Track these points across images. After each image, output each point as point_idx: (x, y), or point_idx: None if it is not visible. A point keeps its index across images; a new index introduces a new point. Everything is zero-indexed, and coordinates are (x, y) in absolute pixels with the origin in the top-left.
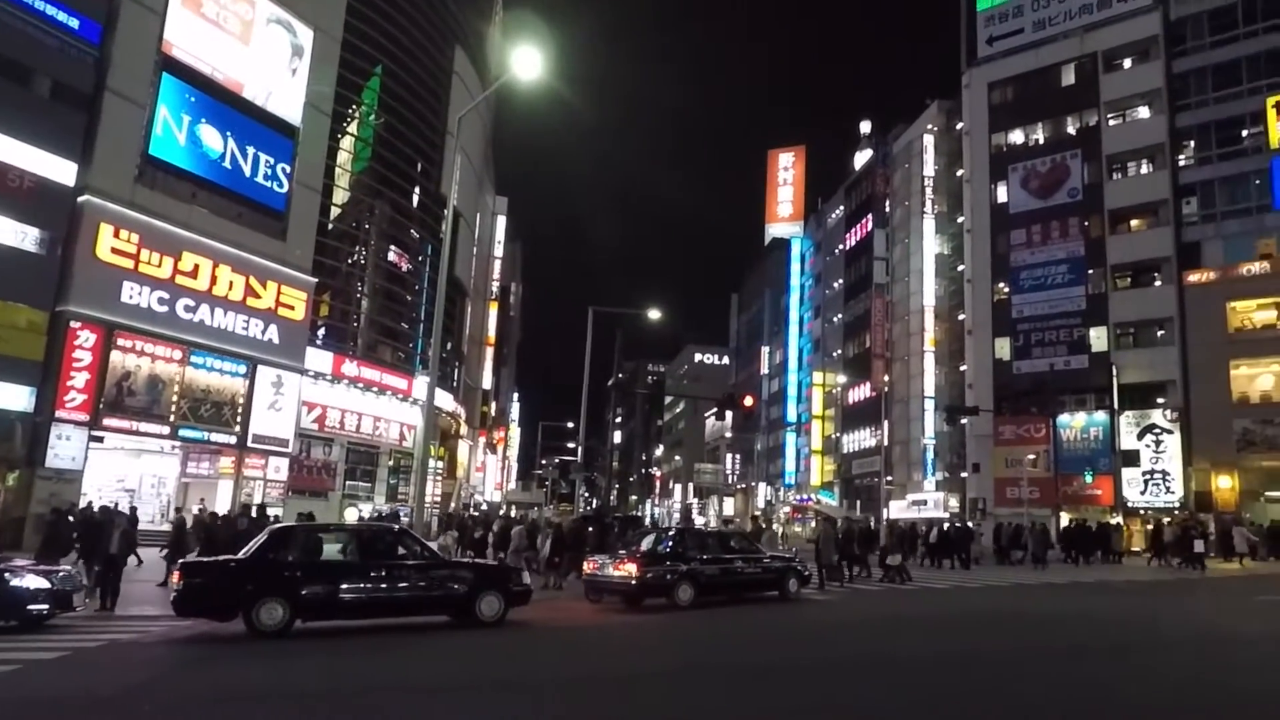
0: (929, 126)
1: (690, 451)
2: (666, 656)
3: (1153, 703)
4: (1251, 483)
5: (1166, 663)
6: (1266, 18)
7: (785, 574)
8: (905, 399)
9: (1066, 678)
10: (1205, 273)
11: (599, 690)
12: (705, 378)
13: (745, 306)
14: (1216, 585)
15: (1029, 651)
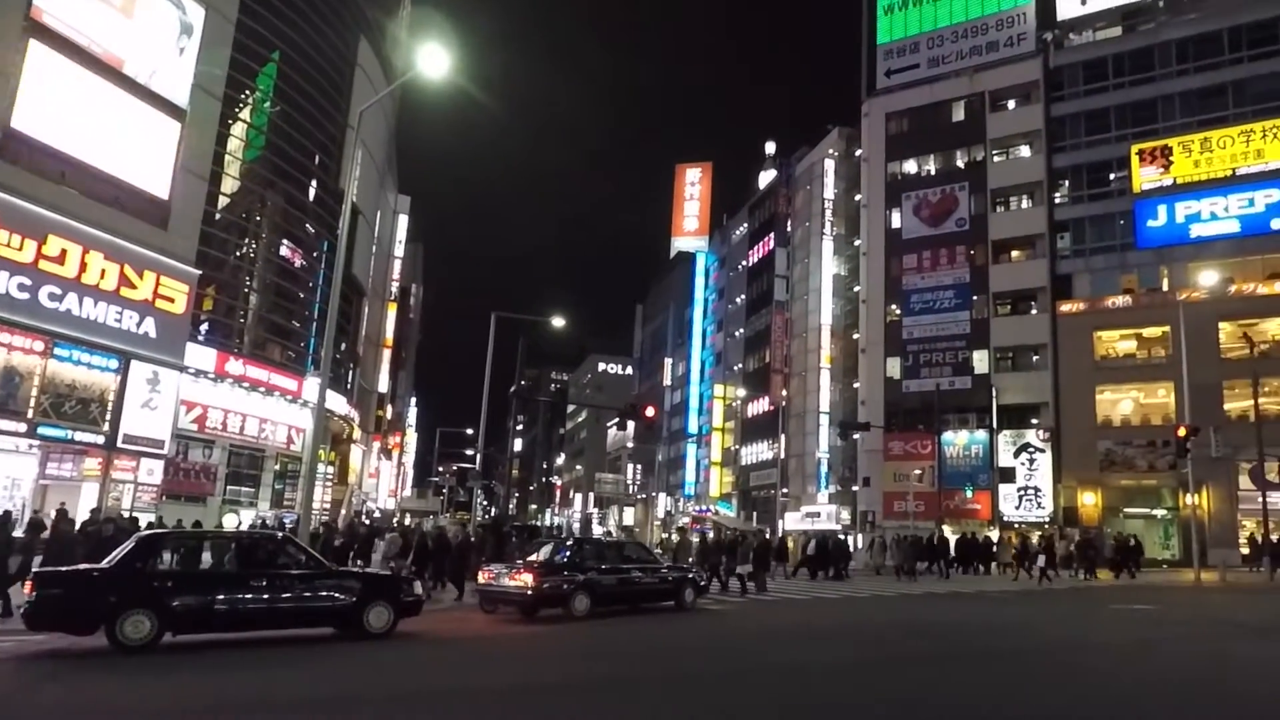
0: (830, 151)
1: (592, 461)
2: (559, 668)
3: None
4: (1112, 499)
5: (1038, 665)
6: (1133, 72)
7: (682, 584)
8: (802, 413)
9: (947, 680)
10: (1075, 303)
11: (488, 702)
12: (609, 387)
13: (650, 318)
14: (1082, 594)
15: (917, 657)
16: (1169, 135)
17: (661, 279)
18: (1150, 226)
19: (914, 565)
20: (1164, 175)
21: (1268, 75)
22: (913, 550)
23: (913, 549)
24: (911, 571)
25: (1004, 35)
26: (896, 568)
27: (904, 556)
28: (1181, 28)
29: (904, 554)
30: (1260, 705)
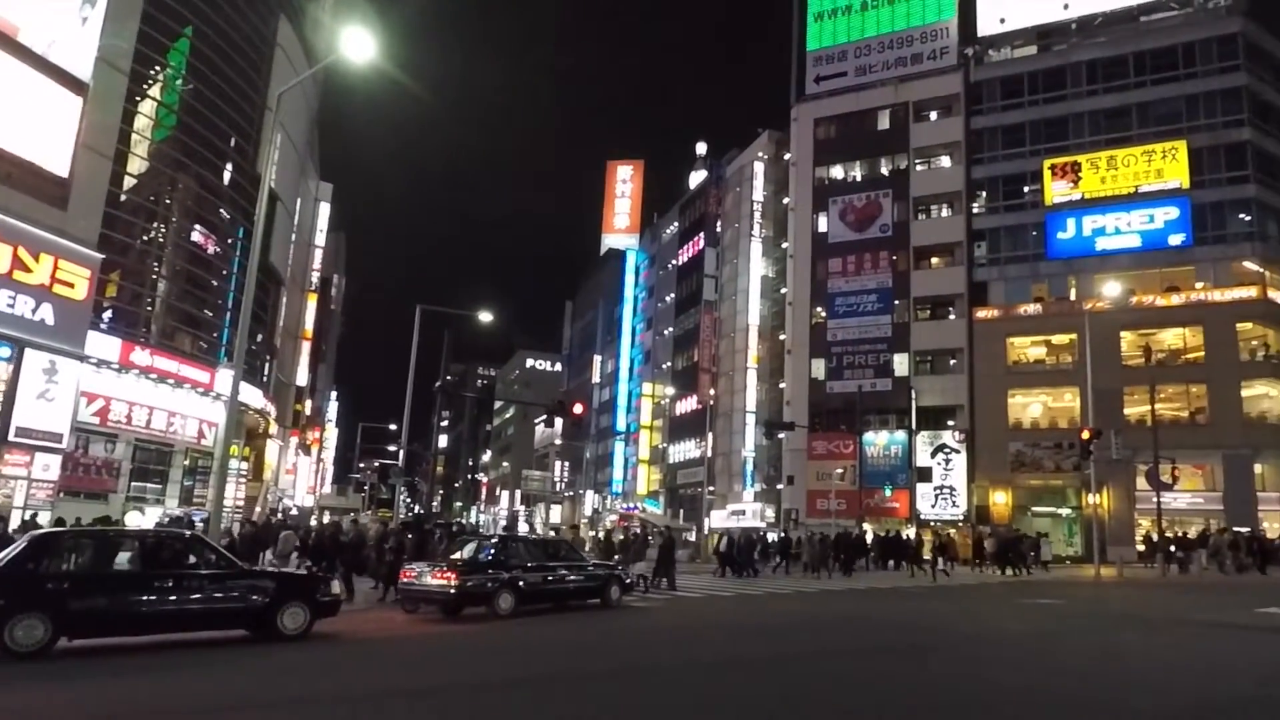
0: (760, 154)
1: (519, 458)
2: (479, 668)
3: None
4: (1022, 499)
5: (972, 656)
6: (1046, 90)
7: (608, 582)
8: (729, 412)
9: (870, 672)
10: (990, 310)
11: (406, 704)
12: (537, 383)
13: (579, 314)
14: (995, 590)
15: (834, 651)
16: (1079, 152)
17: (592, 276)
18: (1060, 238)
19: (825, 563)
20: (1073, 190)
21: (1169, 99)
22: (822, 548)
23: (822, 546)
24: (821, 569)
25: (927, 48)
26: (806, 565)
27: (814, 554)
28: (1091, 50)
29: (814, 552)
30: (1148, 685)
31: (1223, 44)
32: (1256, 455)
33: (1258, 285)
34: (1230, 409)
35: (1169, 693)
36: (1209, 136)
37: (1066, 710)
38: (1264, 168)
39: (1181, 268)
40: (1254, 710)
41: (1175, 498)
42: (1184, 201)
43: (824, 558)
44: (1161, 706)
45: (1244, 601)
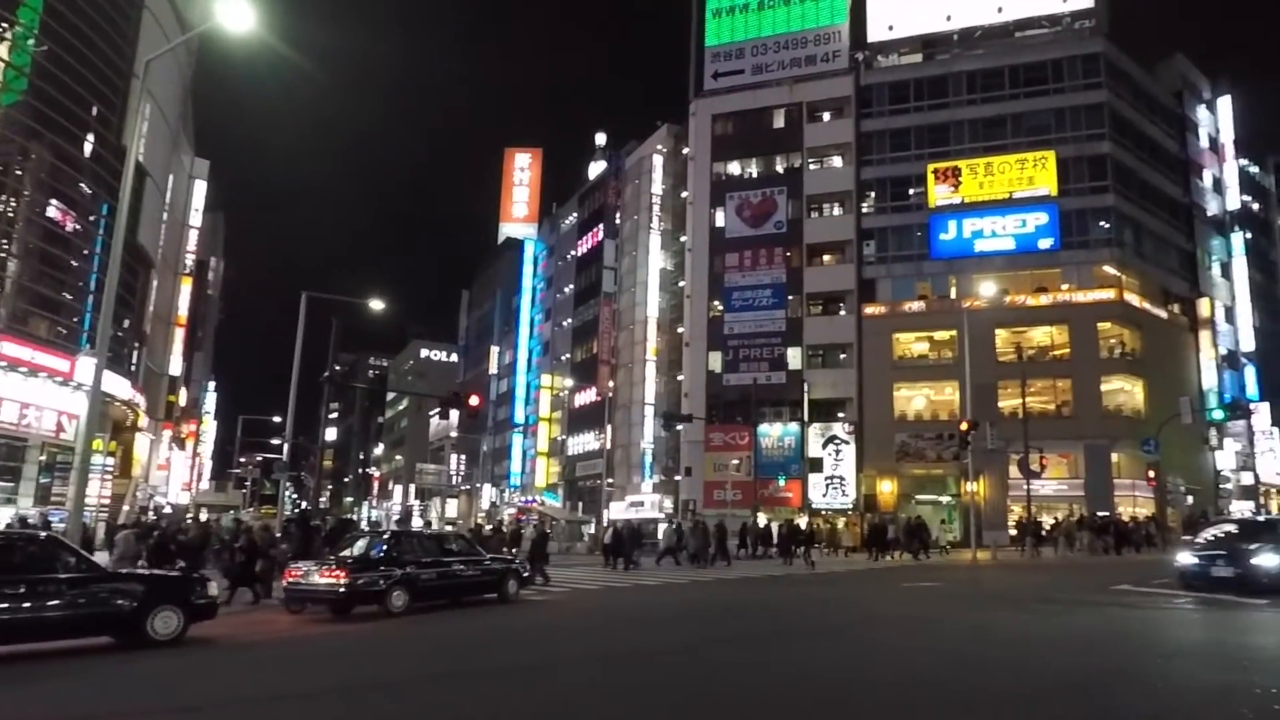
0: (659, 147)
1: (413, 451)
2: (371, 668)
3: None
4: (906, 487)
5: (842, 639)
6: (930, 97)
7: (505, 576)
8: (628, 404)
9: (776, 655)
10: (878, 306)
11: (299, 706)
12: (432, 374)
13: (476, 304)
14: (882, 574)
15: (729, 638)
16: (959, 158)
17: (489, 265)
18: (942, 239)
19: (707, 552)
20: (954, 194)
21: (1040, 111)
22: (704, 537)
23: (704, 536)
24: (703, 558)
25: (821, 50)
26: (691, 555)
27: (698, 544)
28: (971, 61)
29: (698, 541)
30: (1010, 658)
31: (1086, 62)
32: (1114, 445)
33: (1116, 288)
34: (1091, 402)
35: (1032, 669)
36: (1074, 148)
37: (939, 690)
38: (1121, 179)
39: (1050, 270)
40: (1113, 682)
41: (1043, 485)
42: (1053, 208)
43: (706, 547)
44: (1025, 682)
45: (1100, 580)
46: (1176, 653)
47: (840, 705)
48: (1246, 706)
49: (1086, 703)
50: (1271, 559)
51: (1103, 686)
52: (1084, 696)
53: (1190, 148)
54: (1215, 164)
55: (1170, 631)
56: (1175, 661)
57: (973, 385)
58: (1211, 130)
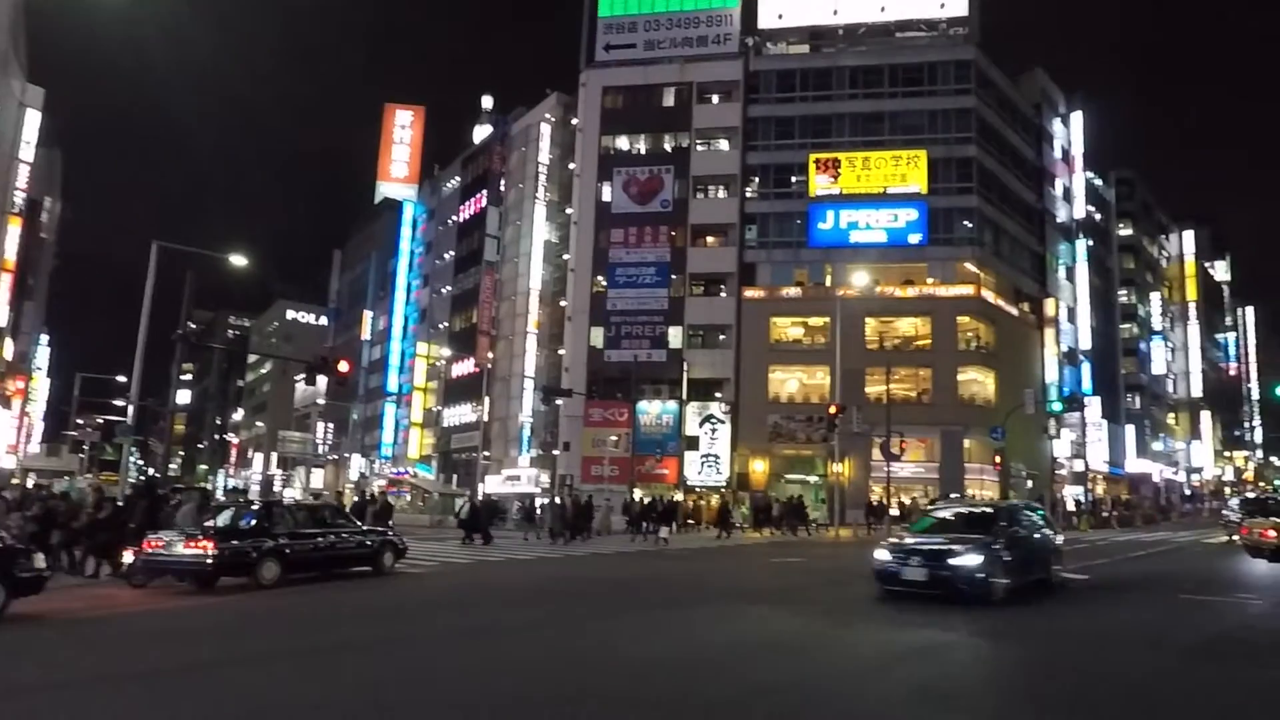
0: (547, 116)
1: (276, 417)
2: (234, 642)
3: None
4: (778, 467)
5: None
6: (815, 88)
7: (382, 548)
8: (507, 377)
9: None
10: (757, 290)
11: (123, 686)
12: (299, 337)
13: (349, 265)
14: (748, 550)
15: (602, 612)
16: (840, 150)
17: (365, 225)
18: (820, 228)
19: (565, 528)
20: (834, 185)
21: (915, 111)
22: (560, 512)
23: (561, 511)
24: (560, 533)
25: (712, 32)
26: (550, 530)
27: (557, 519)
28: (854, 57)
29: (557, 516)
30: (870, 622)
31: (959, 68)
32: (966, 431)
33: (975, 285)
34: (948, 391)
35: (890, 637)
36: (944, 149)
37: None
38: (985, 182)
39: (917, 264)
40: (956, 652)
41: (902, 467)
42: (923, 205)
43: (564, 522)
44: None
45: None
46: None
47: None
48: None
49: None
50: (972, 559)
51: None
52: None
53: (1045, 157)
54: (1066, 174)
55: None
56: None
57: (842, 371)
58: (1064, 143)
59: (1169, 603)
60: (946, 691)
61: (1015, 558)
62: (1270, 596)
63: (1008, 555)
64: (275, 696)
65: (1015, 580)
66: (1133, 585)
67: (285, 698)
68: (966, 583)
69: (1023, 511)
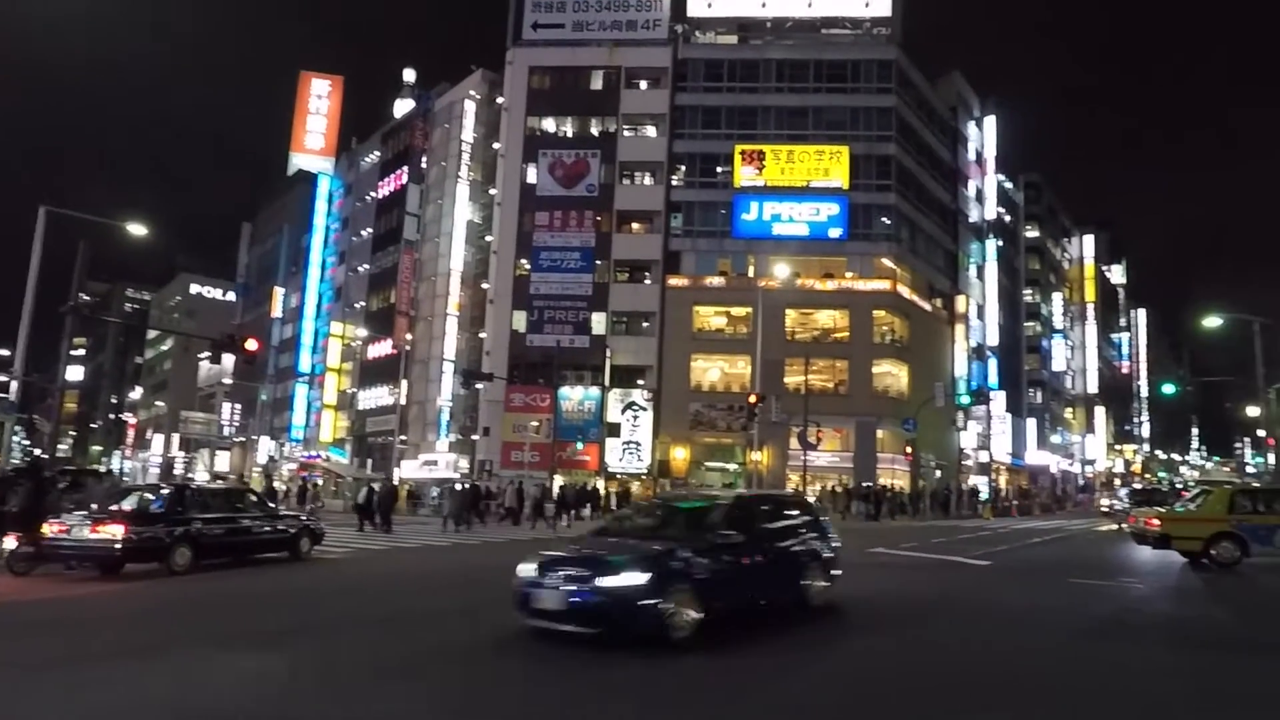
0: (472, 93)
1: (178, 397)
2: (137, 631)
3: None
4: (698, 454)
5: None
6: (743, 79)
7: (300, 534)
8: (426, 359)
9: None
10: (682, 279)
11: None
12: (204, 313)
13: (260, 239)
14: None
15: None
16: (765, 142)
17: (276, 198)
18: (744, 219)
19: (466, 514)
20: (758, 176)
21: (838, 107)
22: (460, 499)
23: (461, 497)
24: (465, 521)
25: (642, 17)
26: (447, 517)
27: (456, 505)
28: (781, 50)
29: (456, 503)
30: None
31: (881, 68)
32: (880, 422)
33: (891, 280)
34: (864, 383)
35: (794, 625)
36: (865, 146)
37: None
38: (903, 180)
39: (837, 258)
40: (860, 640)
41: (819, 456)
42: (844, 200)
43: (464, 509)
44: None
45: (859, 544)
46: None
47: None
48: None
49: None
50: (635, 577)
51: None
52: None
53: (960, 159)
54: (979, 176)
55: (911, 590)
56: (912, 615)
57: (763, 361)
58: (978, 145)
59: (1060, 586)
60: None
61: (722, 574)
62: (1151, 580)
63: (705, 572)
64: (156, 692)
65: (723, 605)
66: (1031, 570)
67: (165, 694)
68: (623, 614)
69: (767, 504)
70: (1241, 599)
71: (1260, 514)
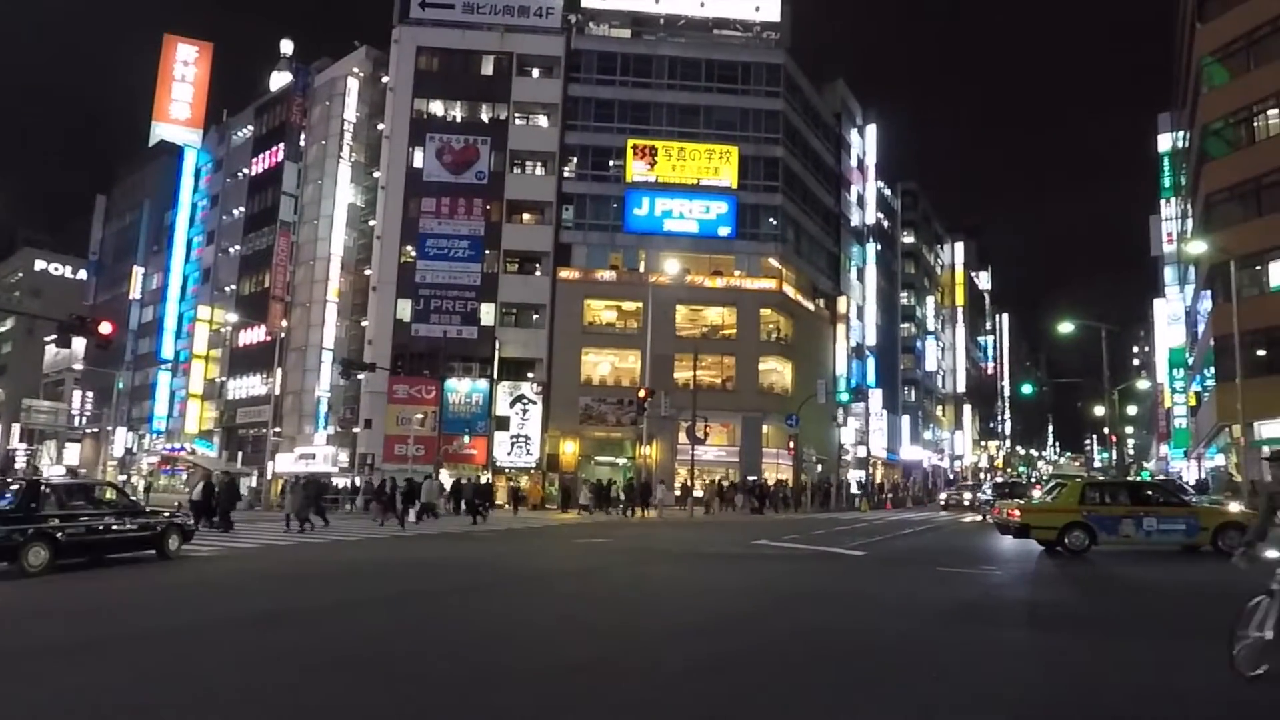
0: (355, 70)
1: (20, 383)
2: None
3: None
4: (588, 449)
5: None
6: (636, 74)
7: (167, 531)
8: (303, 348)
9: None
10: (573, 271)
11: None
12: (50, 292)
13: (116, 213)
14: (553, 531)
15: (395, 596)
16: (657, 138)
17: (136, 170)
18: (636, 214)
19: (308, 512)
20: (650, 172)
21: (729, 108)
22: (305, 494)
23: (304, 493)
24: (305, 519)
25: (535, 4)
26: (288, 515)
27: (299, 502)
28: (674, 48)
29: (299, 499)
30: (667, 600)
31: (770, 71)
32: (765, 418)
33: (777, 279)
34: (750, 379)
35: (682, 612)
36: (754, 147)
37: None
38: (789, 182)
39: (726, 256)
40: (748, 625)
41: (706, 451)
42: (733, 199)
43: (307, 506)
44: (667, 628)
45: (743, 536)
46: (796, 596)
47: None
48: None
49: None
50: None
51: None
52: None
53: (843, 164)
54: (860, 182)
55: (793, 579)
56: (795, 603)
57: (653, 356)
58: (860, 152)
59: (929, 574)
60: None
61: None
62: (1009, 568)
63: None
64: None
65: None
66: (903, 559)
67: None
68: None
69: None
70: (1088, 583)
71: (1106, 505)
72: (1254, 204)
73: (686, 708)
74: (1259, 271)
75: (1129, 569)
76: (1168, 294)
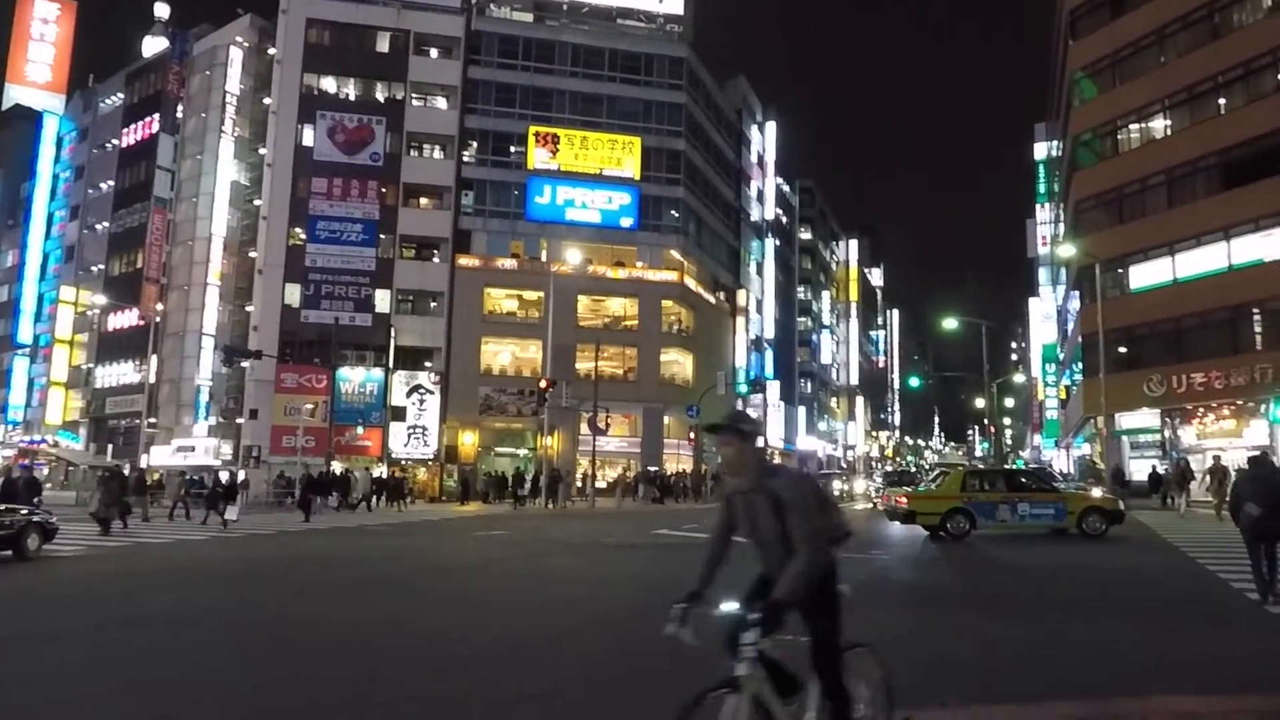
0: (239, 39)
1: None
2: None
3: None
4: (487, 440)
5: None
6: (538, 60)
7: (25, 530)
8: (181, 333)
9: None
10: (473, 259)
11: None
12: None
13: None
14: (449, 524)
15: (280, 594)
16: (560, 126)
17: None
18: (538, 202)
19: (114, 511)
20: (552, 160)
21: (632, 99)
22: (107, 489)
23: (109, 488)
24: (108, 520)
25: None
26: (91, 514)
27: (105, 499)
28: (577, 35)
29: (105, 494)
30: (562, 590)
31: (673, 64)
32: (666, 409)
33: (679, 271)
34: (652, 370)
35: (580, 603)
36: (657, 139)
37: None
38: (691, 175)
39: (628, 247)
40: (645, 619)
41: (608, 442)
42: (635, 190)
43: (114, 504)
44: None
45: (645, 526)
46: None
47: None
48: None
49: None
50: None
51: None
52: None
53: (744, 160)
54: (760, 178)
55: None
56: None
57: (554, 346)
58: (760, 148)
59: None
60: None
61: None
62: (896, 553)
63: None
64: None
65: None
66: None
67: None
68: None
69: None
70: (967, 566)
71: (985, 492)
72: (1117, 212)
73: (581, 703)
74: (1121, 274)
75: (1003, 551)
76: (1042, 294)
